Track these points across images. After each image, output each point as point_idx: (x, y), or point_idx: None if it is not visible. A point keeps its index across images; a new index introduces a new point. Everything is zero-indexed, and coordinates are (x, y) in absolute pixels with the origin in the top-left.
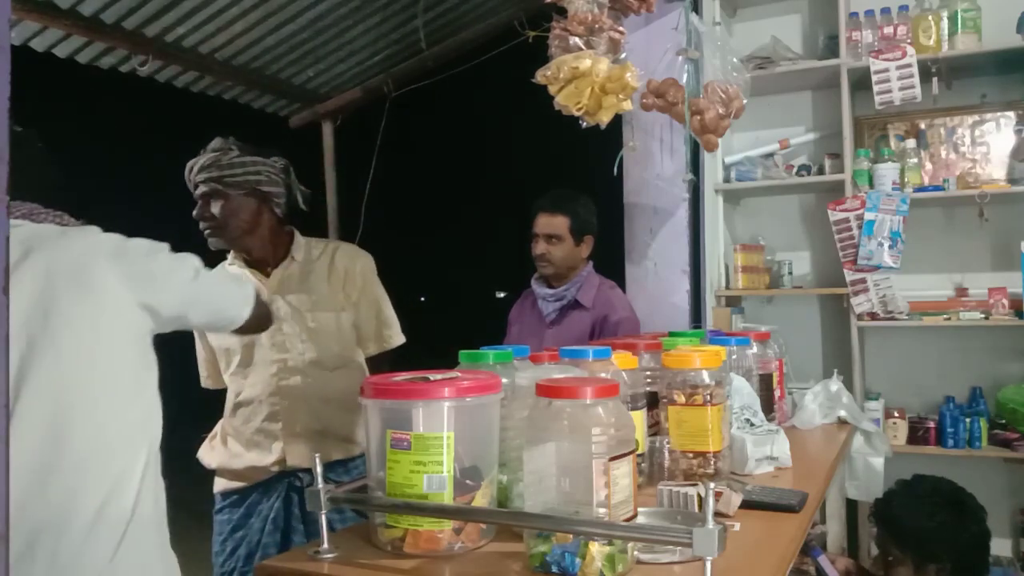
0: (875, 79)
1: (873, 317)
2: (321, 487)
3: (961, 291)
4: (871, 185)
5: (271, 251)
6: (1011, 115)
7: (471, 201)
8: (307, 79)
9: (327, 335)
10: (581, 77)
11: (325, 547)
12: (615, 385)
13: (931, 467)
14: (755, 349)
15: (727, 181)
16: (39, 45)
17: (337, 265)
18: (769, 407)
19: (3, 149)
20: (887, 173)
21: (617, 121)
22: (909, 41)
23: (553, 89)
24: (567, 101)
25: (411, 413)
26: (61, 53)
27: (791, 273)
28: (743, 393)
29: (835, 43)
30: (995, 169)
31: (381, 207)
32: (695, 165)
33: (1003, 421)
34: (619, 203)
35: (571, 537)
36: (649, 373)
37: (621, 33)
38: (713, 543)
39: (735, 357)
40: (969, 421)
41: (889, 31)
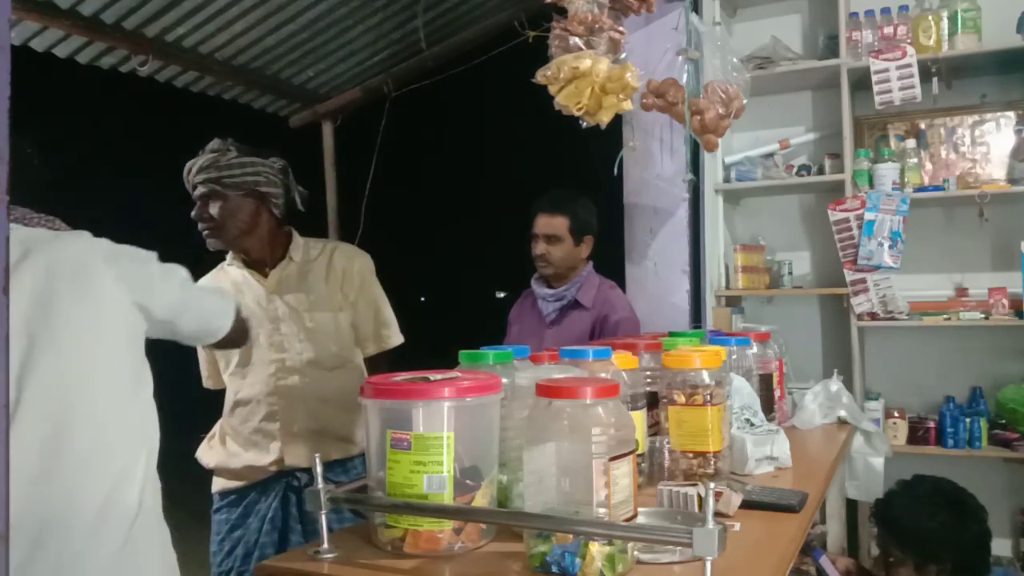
0: (875, 79)
1: (873, 317)
2: (321, 487)
3: (961, 291)
4: (871, 185)
5: (269, 251)
6: (1011, 115)
7: (471, 201)
8: (307, 79)
9: (325, 335)
10: (581, 77)
11: (325, 547)
12: (615, 385)
13: (931, 467)
14: (755, 349)
15: (727, 181)
16: (39, 45)
17: (335, 265)
18: (769, 407)
19: (3, 149)
20: (887, 173)
21: (617, 121)
22: (909, 41)
23: (553, 89)
24: (567, 101)
25: (411, 413)
26: (61, 53)
27: (791, 273)
28: (743, 393)
29: (835, 43)
30: (995, 169)
31: (381, 207)
32: (695, 165)
33: (1003, 421)
34: (619, 203)
35: (571, 537)
36: (649, 373)
37: (621, 33)
38: (713, 543)
39: (735, 357)
40: (969, 421)
41: (889, 31)
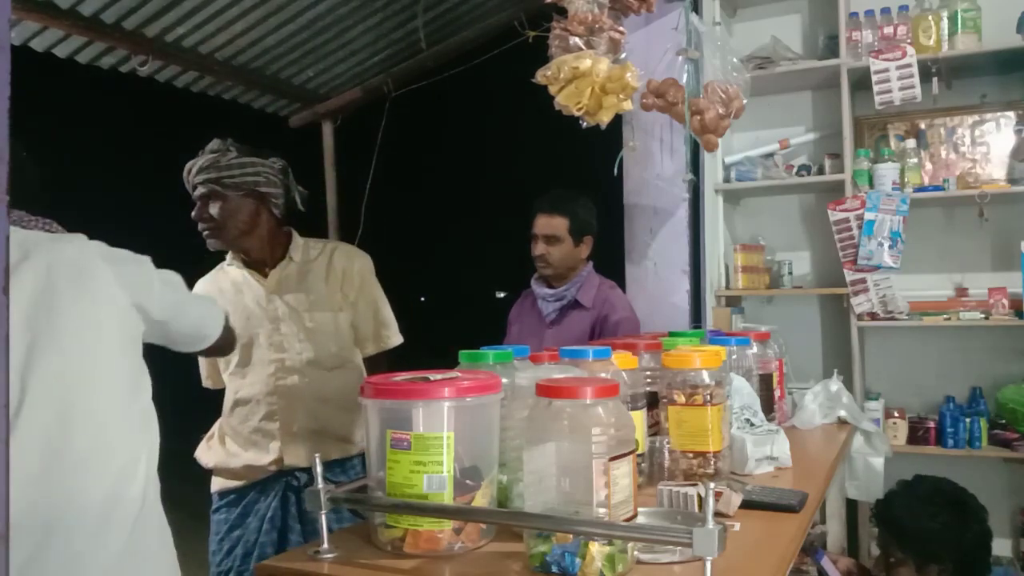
0: (875, 79)
1: (873, 317)
2: (321, 487)
3: (961, 291)
4: (871, 185)
5: (269, 252)
6: (1011, 115)
7: (471, 201)
8: (307, 79)
9: (325, 335)
10: (581, 77)
11: (325, 547)
12: (615, 385)
13: (931, 467)
14: (755, 349)
15: (727, 181)
16: (39, 45)
17: (335, 265)
18: (769, 407)
19: (3, 149)
20: (887, 173)
21: (617, 121)
22: (909, 41)
23: (553, 89)
24: (567, 101)
25: (411, 413)
26: (61, 53)
27: (791, 273)
28: (743, 393)
29: (835, 43)
30: (995, 169)
31: (381, 207)
32: (695, 165)
33: (1003, 421)
34: (619, 203)
35: (571, 537)
36: (649, 373)
37: (621, 33)
38: (713, 543)
39: (735, 357)
40: (969, 421)
41: (889, 31)
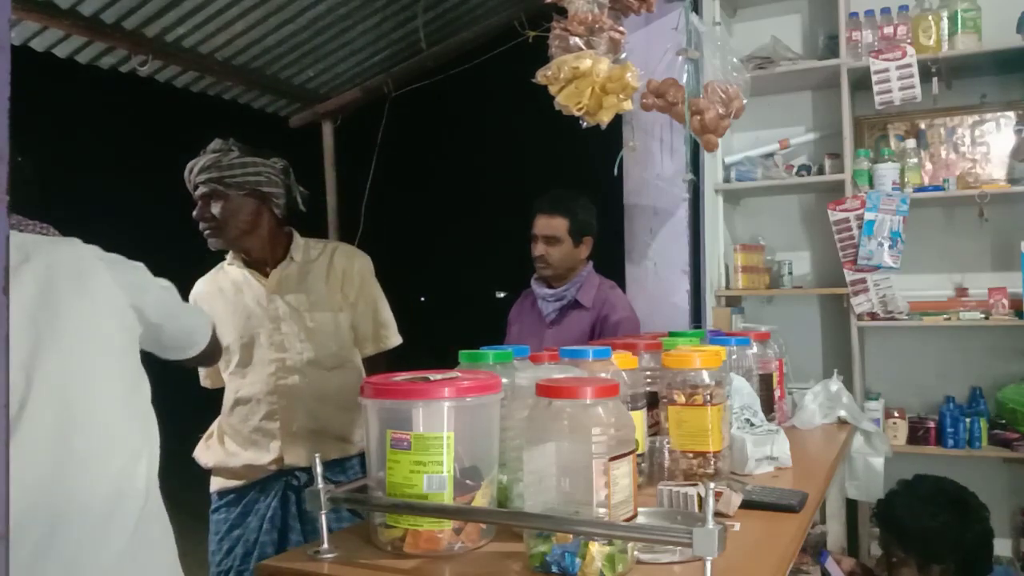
0: (875, 79)
1: (873, 317)
2: (321, 487)
3: (961, 291)
4: (871, 185)
5: (270, 251)
6: (1011, 115)
7: (471, 201)
8: (307, 79)
9: (325, 335)
10: (581, 77)
11: (325, 547)
12: (615, 385)
13: (931, 467)
14: (755, 349)
15: (727, 181)
16: (39, 45)
17: (335, 265)
18: (769, 407)
19: (3, 149)
20: (887, 173)
21: (617, 121)
22: (909, 41)
23: (553, 89)
24: (567, 101)
25: (411, 413)
26: (61, 53)
27: (791, 273)
28: (743, 393)
29: (835, 43)
30: (995, 169)
31: (381, 207)
32: (695, 165)
33: (1003, 421)
34: (619, 203)
35: (571, 537)
36: (649, 373)
37: (621, 33)
38: (713, 543)
39: (735, 357)
40: (969, 421)
41: (889, 31)
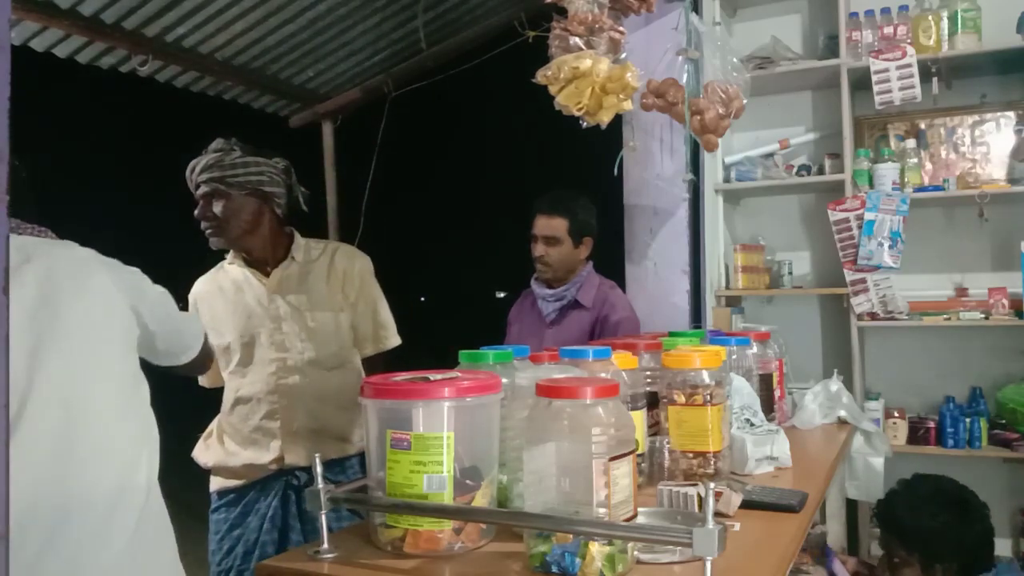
0: (875, 79)
1: (873, 317)
2: (321, 487)
3: (961, 291)
4: (871, 185)
5: (271, 251)
6: (1011, 115)
7: (471, 201)
8: (307, 79)
9: (326, 335)
10: (581, 77)
11: (325, 547)
12: (615, 385)
13: (931, 467)
14: (755, 349)
15: (727, 181)
16: (39, 45)
17: (336, 266)
18: (769, 407)
19: (3, 149)
20: (887, 173)
21: (617, 121)
22: (909, 41)
23: (553, 89)
24: (567, 101)
25: (411, 413)
26: (61, 53)
27: (791, 273)
28: (743, 393)
29: (835, 43)
30: (995, 169)
31: (381, 207)
32: (695, 165)
33: (1003, 421)
34: (619, 203)
35: (571, 537)
36: (649, 373)
37: (621, 33)
38: (713, 543)
39: (735, 357)
40: (969, 421)
41: (889, 31)
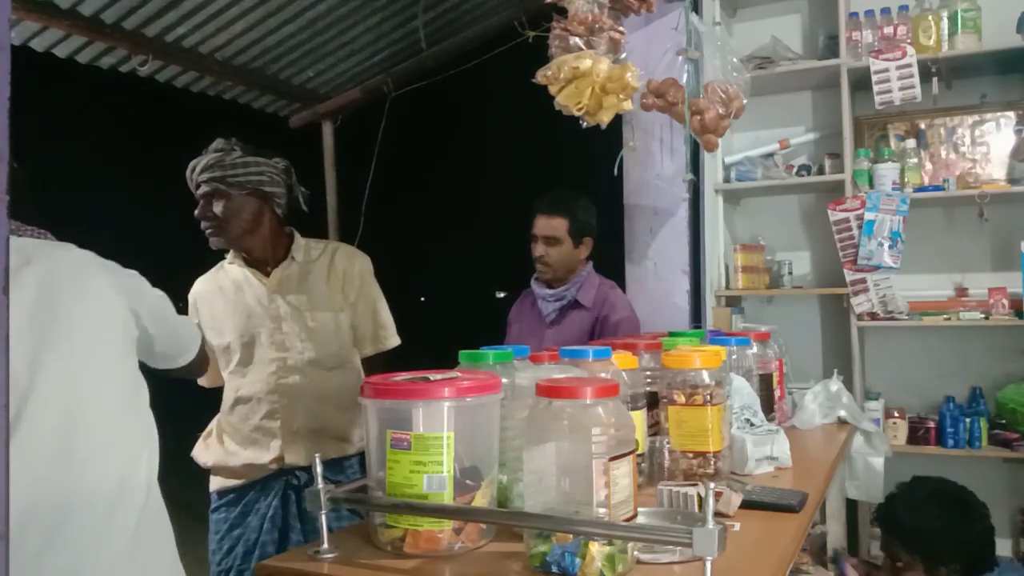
0: (875, 79)
1: (873, 317)
2: (321, 487)
3: (961, 291)
4: (871, 185)
5: (271, 251)
6: (1011, 115)
7: (471, 201)
8: (307, 79)
9: (326, 335)
10: (581, 77)
11: (325, 547)
12: (615, 385)
13: (931, 467)
14: (755, 349)
15: (727, 181)
16: (39, 45)
17: (336, 266)
18: (769, 407)
19: (3, 149)
20: (887, 173)
21: (617, 121)
22: (909, 41)
23: (553, 89)
24: (567, 101)
25: (411, 413)
26: (61, 53)
27: (791, 273)
28: (743, 393)
29: (835, 43)
30: (995, 169)
31: (381, 207)
32: (695, 165)
33: (1003, 421)
34: (619, 203)
35: (571, 537)
36: (649, 373)
37: (621, 33)
38: (713, 543)
39: (735, 357)
40: (969, 421)
41: (889, 31)
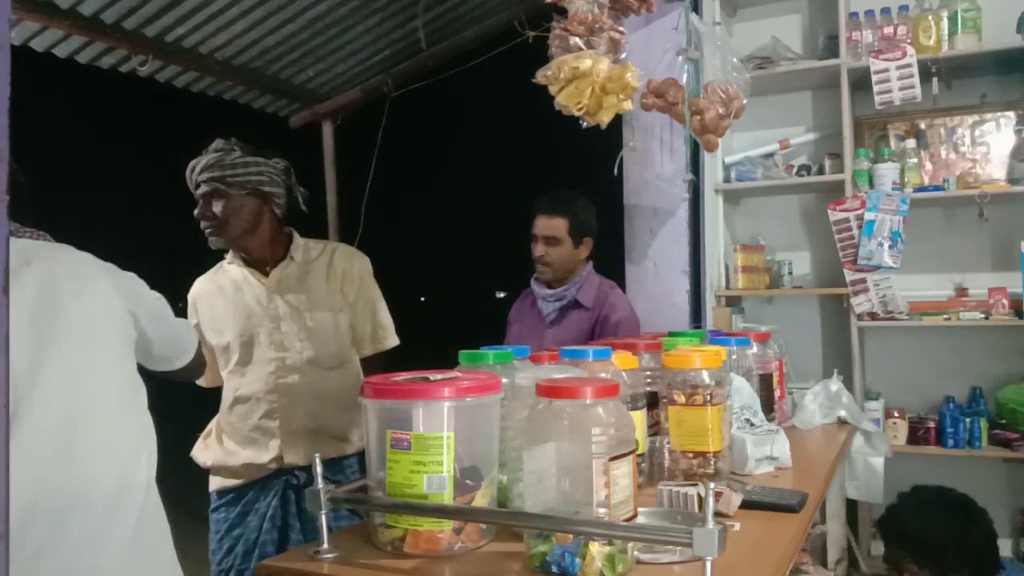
0: (875, 79)
1: (873, 317)
2: (321, 487)
3: (961, 291)
4: (871, 185)
5: (270, 251)
6: (1011, 115)
7: (471, 201)
8: (307, 79)
9: (325, 335)
10: (581, 77)
11: (325, 547)
12: (615, 385)
13: (931, 467)
14: (755, 349)
15: (727, 181)
16: (39, 45)
17: (336, 266)
18: (769, 407)
19: (3, 149)
20: (887, 173)
21: (617, 121)
22: (909, 41)
23: (553, 89)
24: (567, 101)
25: (411, 413)
26: (61, 53)
27: (791, 273)
28: (743, 393)
29: (835, 43)
30: (995, 169)
31: (381, 207)
32: (695, 165)
33: (1003, 421)
34: (619, 203)
35: (571, 537)
36: (649, 373)
37: (621, 33)
38: (713, 543)
39: (735, 357)
40: (969, 421)
41: (889, 31)
